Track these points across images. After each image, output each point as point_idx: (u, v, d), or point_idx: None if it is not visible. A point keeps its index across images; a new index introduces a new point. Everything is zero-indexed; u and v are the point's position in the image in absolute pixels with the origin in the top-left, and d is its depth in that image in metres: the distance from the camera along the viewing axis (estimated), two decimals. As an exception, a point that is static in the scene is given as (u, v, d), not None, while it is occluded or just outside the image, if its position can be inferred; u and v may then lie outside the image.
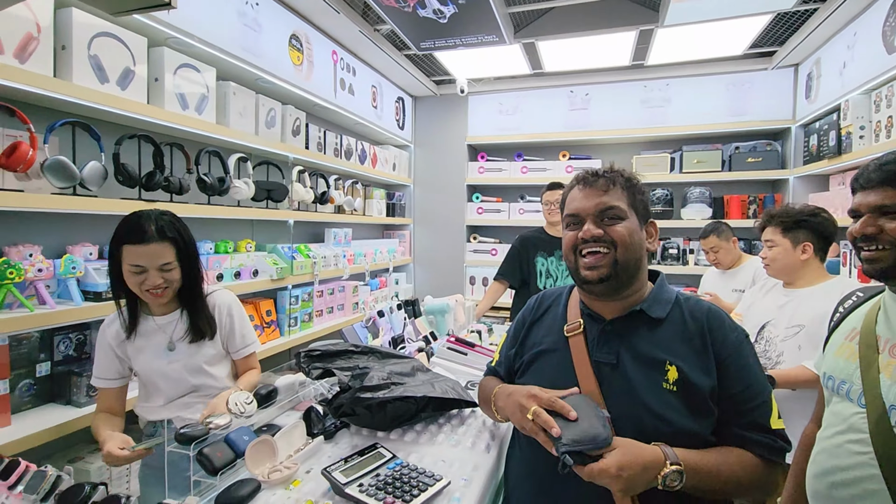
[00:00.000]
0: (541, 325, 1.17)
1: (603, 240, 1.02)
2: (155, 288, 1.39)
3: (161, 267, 1.39)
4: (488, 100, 4.43)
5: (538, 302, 1.23)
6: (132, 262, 1.36)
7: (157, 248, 1.38)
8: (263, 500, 0.94)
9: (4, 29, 1.51)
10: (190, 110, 2.17)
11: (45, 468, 0.95)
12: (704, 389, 0.94)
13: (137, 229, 1.37)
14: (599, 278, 1.01)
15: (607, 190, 1.04)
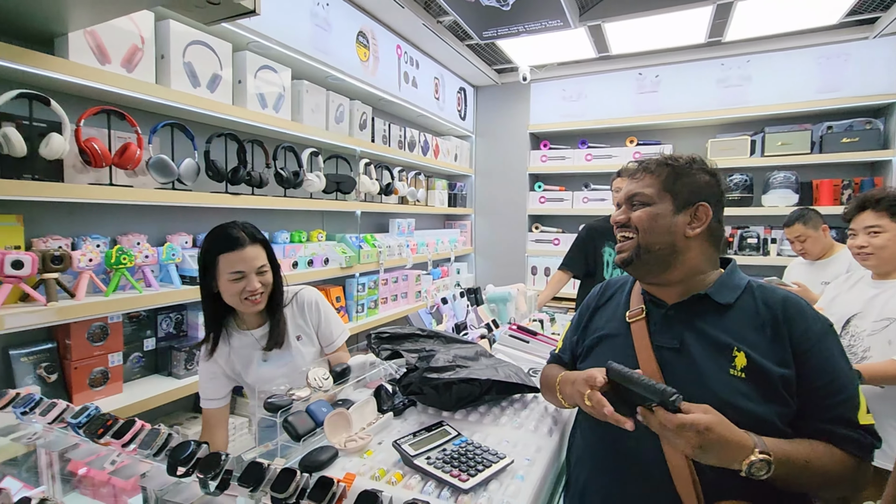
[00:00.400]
0: (604, 311, 1.18)
1: (628, 225, 1.07)
2: (254, 293, 1.43)
3: (258, 270, 1.44)
4: (551, 86, 4.34)
5: (603, 289, 1.24)
6: (232, 270, 1.41)
7: (252, 251, 1.44)
8: (341, 465, 1.02)
9: (114, 42, 1.70)
10: (268, 109, 2.33)
11: (159, 426, 1.09)
12: (776, 379, 0.90)
13: (230, 237, 1.42)
14: (623, 261, 1.08)
15: (638, 177, 1.08)
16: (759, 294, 1.01)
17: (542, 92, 4.39)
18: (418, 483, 0.95)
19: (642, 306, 1.09)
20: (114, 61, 1.71)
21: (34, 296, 1.51)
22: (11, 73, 1.50)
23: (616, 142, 4.27)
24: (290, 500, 0.86)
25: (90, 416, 1.16)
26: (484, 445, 1.07)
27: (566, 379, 1.09)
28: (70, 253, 1.60)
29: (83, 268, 1.63)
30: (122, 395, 1.80)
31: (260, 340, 1.55)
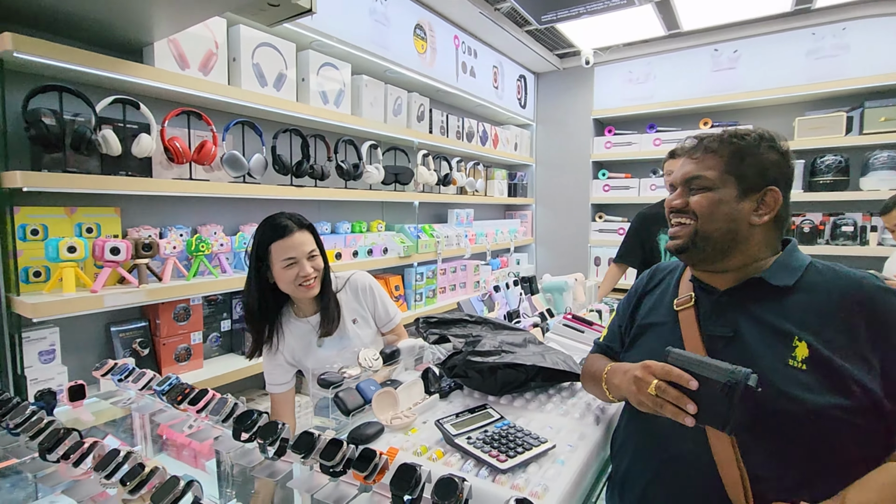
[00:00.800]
0: (651, 298, 1.13)
1: (685, 210, 0.99)
2: (307, 279, 1.49)
3: (309, 255, 1.50)
4: (616, 69, 4.16)
5: (651, 274, 1.19)
6: (284, 257, 1.46)
7: (301, 236, 1.49)
8: (386, 440, 1.07)
9: (192, 48, 1.86)
10: (329, 104, 2.44)
11: (227, 397, 1.20)
12: (844, 372, 0.82)
13: (279, 226, 1.49)
14: (677, 248, 1.00)
15: (697, 156, 0.98)
16: (828, 275, 0.92)
17: (606, 75, 4.21)
18: (458, 461, 0.98)
19: (691, 293, 1.03)
20: (192, 66, 1.88)
21: (128, 278, 1.70)
22: (107, 81, 1.69)
23: (688, 124, 4.01)
24: (337, 468, 0.91)
25: (171, 384, 1.30)
26: (526, 430, 1.07)
27: (616, 370, 1.02)
28: (158, 241, 1.78)
29: (168, 254, 1.82)
30: (202, 371, 1.99)
31: (316, 327, 1.62)
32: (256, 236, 1.53)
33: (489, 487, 0.89)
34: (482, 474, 0.93)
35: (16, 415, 1.12)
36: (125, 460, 0.93)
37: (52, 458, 1.01)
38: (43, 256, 1.56)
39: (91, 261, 1.64)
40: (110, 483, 0.91)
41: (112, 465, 0.92)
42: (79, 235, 1.67)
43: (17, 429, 1.10)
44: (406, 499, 0.83)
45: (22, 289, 1.56)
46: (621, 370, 1.00)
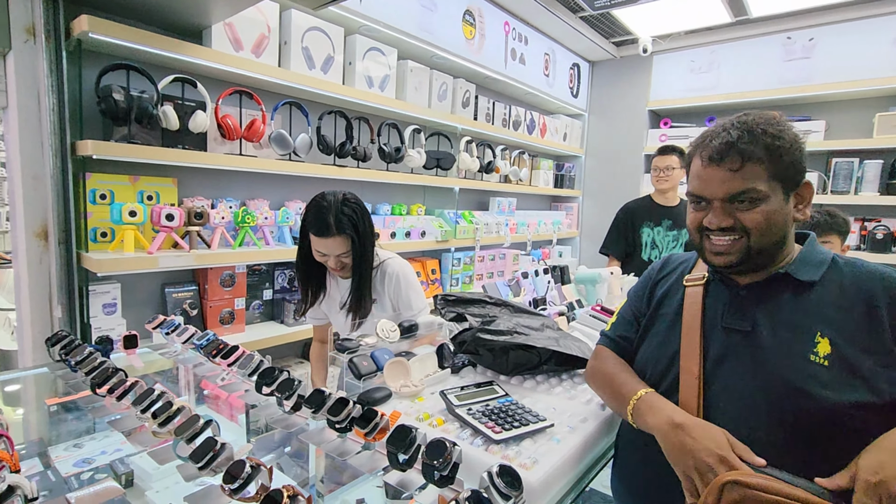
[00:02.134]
0: (663, 286, 1.09)
1: (733, 228, 0.89)
2: (333, 270, 1.62)
3: (338, 256, 1.57)
4: (676, 58, 3.96)
5: (664, 262, 1.15)
6: (316, 248, 1.58)
7: (335, 242, 1.53)
8: (392, 405, 1.13)
9: (246, 31, 1.98)
10: (374, 88, 2.51)
11: (254, 353, 1.30)
12: (866, 369, 0.78)
13: (321, 222, 1.51)
14: (727, 265, 0.92)
15: (740, 167, 0.86)
16: (849, 271, 0.87)
17: (665, 64, 4.02)
18: (456, 429, 1.01)
19: (705, 273, 0.99)
20: (245, 48, 2.00)
21: (181, 244, 1.86)
22: (169, 61, 1.84)
23: (752, 118, 3.76)
24: (342, 424, 0.98)
25: (209, 340, 1.42)
26: (528, 408, 1.09)
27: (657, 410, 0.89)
28: (208, 211, 1.93)
29: (217, 224, 1.96)
30: (243, 335, 2.14)
31: (341, 291, 1.72)
32: (305, 213, 1.59)
33: (480, 455, 0.92)
34: (476, 443, 0.96)
35: (77, 353, 1.27)
36: (158, 398, 1.04)
37: (101, 393, 1.14)
38: (108, 219, 1.73)
39: (149, 225, 1.80)
40: (144, 417, 1.02)
41: (147, 402, 1.03)
42: (140, 202, 1.84)
43: (76, 366, 1.25)
44: (401, 458, 0.88)
45: (90, 247, 1.74)
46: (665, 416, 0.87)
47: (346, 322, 1.70)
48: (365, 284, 1.64)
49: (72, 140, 1.67)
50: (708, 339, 0.94)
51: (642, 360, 1.05)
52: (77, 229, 1.70)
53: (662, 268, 1.14)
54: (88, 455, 1.34)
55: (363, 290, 1.64)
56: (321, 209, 1.53)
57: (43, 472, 1.22)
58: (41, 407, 1.50)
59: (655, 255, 2.88)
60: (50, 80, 1.62)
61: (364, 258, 1.61)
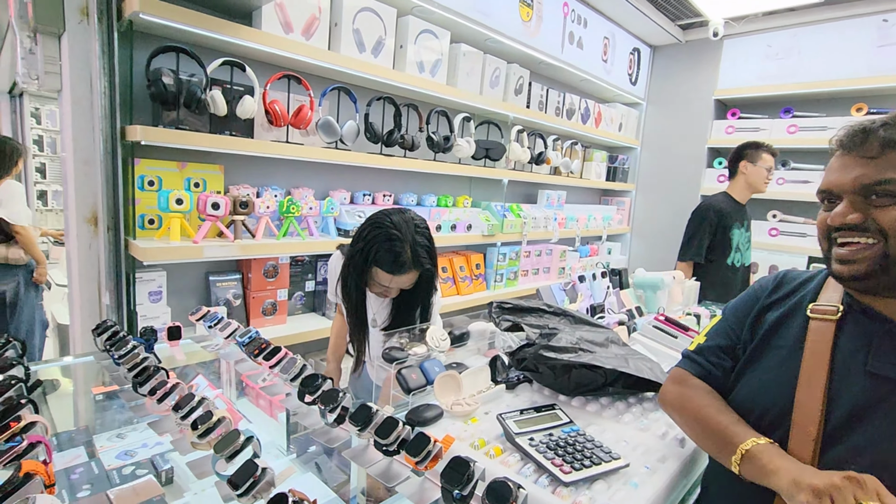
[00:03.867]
0: (775, 312, 0.90)
1: (864, 227, 0.73)
2: (383, 295, 1.47)
3: (401, 288, 1.45)
4: (751, 42, 3.62)
5: (777, 283, 0.95)
6: (380, 282, 1.39)
7: (407, 277, 1.39)
8: (443, 426, 1.03)
9: (297, 12, 1.89)
10: (425, 73, 2.39)
11: (296, 357, 1.23)
12: None
13: (396, 259, 1.34)
14: (852, 276, 0.75)
15: (878, 155, 0.72)
16: None
17: (737, 49, 3.69)
18: (517, 462, 0.90)
19: (839, 305, 0.81)
20: (296, 30, 1.91)
21: (226, 233, 1.82)
22: (218, 43, 1.78)
23: (836, 110, 3.40)
24: (391, 447, 0.88)
25: (251, 337, 1.36)
26: (597, 441, 0.96)
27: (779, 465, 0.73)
28: (254, 200, 1.88)
29: (262, 213, 1.91)
30: (285, 326, 2.10)
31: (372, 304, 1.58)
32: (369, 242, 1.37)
33: (548, 499, 0.80)
34: (541, 482, 0.84)
35: (119, 347, 1.24)
36: (198, 405, 0.98)
37: (142, 392, 1.10)
38: (156, 206, 1.71)
39: (195, 213, 1.77)
40: (184, 424, 0.97)
41: (187, 408, 0.97)
42: (187, 189, 1.81)
43: (119, 360, 1.21)
44: (455, 493, 0.78)
45: (137, 234, 1.72)
46: (792, 476, 0.70)
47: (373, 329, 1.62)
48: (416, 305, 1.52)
49: (122, 125, 1.64)
50: (839, 387, 0.76)
51: (743, 400, 0.88)
52: (125, 216, 1.68)
53: (777, 288, 0.94)
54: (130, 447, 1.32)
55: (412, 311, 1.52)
56: (394, 244, 1.33)
57: (87, 464, 1.20)
58: (88, 394, 1.49)
59: (738, 258, 2.67)
60: (102, 62, 1.58)
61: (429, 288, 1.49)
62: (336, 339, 1.84)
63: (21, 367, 1.12)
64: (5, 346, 1.21)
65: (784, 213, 3.62)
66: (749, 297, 0.98)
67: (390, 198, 2.49)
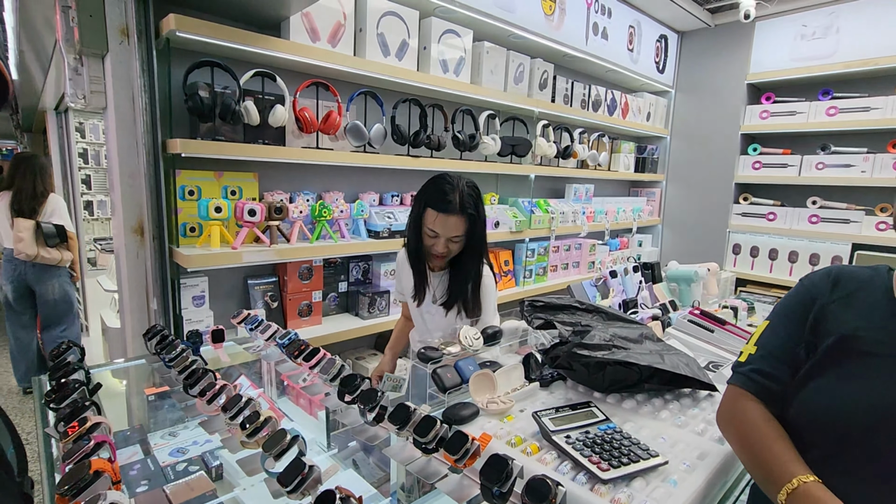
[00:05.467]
0: (847, 310, 0.84)
1: None
2: (438, 256, 1.53)
3: (451, 238, 1.49)
4: (785, 23, 3.49)
5: (835, 280, 0.89)
6: (430, 227, 1.48)
7: (455, 220, 1.46)
8: (479, 424, 1.05)
9: (322, 21, 1.94)
10: (449, 73, 2.40)
11: (335, 358, 1.27)
12: None
13: (444, 199, 1.44)
14: None
15: None
16: None
17: (770, 31, 3.56)
18: (554, 460, 0.91)
19: None
20: (322, 38, 1.96)
21: (262, 238, 1.88)
22: (249, 55, 1.83)
23: (879, 89, 3.24)
24: (429, 446, 0.91)
25: (291, 339, 1.41)
26: (634, 438, 0.96)
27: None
28: (287, 205, 1.94)
29: (295, 218, 1.97)
30: (320, 326, 2.16)
31: (431, 283, 1.64)
32: (424, 187, 1.53)
33: (586, 496, 0.81)
34: (579, 479, 0.85)
35: (169, 350, 1.31)
36: (246, 406, 1.03)
37: (192, 393, 1.16)
38: (196, 214, 1.78)
39: (233, 220, 1.84)
40: (233, 424, 1.02)
41: (235, 409, 1.02)
42: (224, 197, 1.88)
43: (170, 362, 1.28)
44: (495, 490, 0.80)
45: (180, 241, 1.80)
46: None
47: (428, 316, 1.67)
48: (468, 277, 1.58)
49: (163, 138, 1.72)
50: None
51: (817, 409, 0.82)
52: (169, 225, 1.76)
53: (837, 284, 0.88)
54: (182, 444, 1.39)
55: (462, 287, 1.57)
56: (445, 185, 1.47)
57: (143, 461, 1.28)
58: (140, 394, 1.58)
59: None
60: (142, 79, 1.66)
61: (475, 248, 1.55)
62: (398, 335, 1.93)
63: (82, 370, 1.20)
64: (67, 350, 1.29)
65: (824, 199, 3.48)
66: (802, 297, 0.91)
67: (418, 198, 2.52)
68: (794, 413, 0.85)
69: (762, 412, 0.87)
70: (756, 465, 0.83)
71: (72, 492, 0.73)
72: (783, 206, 3.61)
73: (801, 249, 3.51)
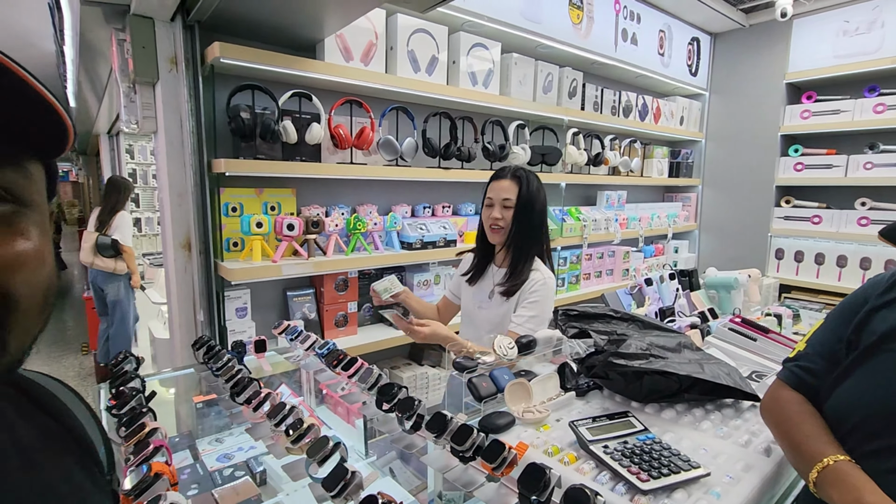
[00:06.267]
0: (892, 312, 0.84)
1: None
2: (494, 222, 1.62)
3: (503, 202, 1.60)
4: (824, 19, 3.37)
5: (891, 282, 0.88)
6: (488, 195, 1.65)
7: (506, 183, 1.62)
8: (516, 433, 1.05)
9: (355, 40, 2.01)
10: (478, 85, 2.44)
11: (373, 367, 1.30)
12: None
13: (500, 170, 1.66)
14: None
15: None
16: None
17: (809, 28, 3.44)
18: (592, 470, 0.91)
19: None
20: (355, 57, 2.03)
21: (300, 252, 1.95)
22: (287, 77, 1.92)
23: (931, 84, 3.08)
24: (467, 454, 0.92)
25: (329, 349, 1.46)
26: (674, 448, 0.95)
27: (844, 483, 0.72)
28: (324, 219, 2.00)
29: (331, 231, 2.03)
30: (356, 336, 2.21)
31: (494, 276, 1.70)
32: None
33: (625, 506, 0.81)
34: (618, 490, 0.85)
35: (216, 360, 1.37)
36: (289, 413, 1.07)
37: (239, 401, 1.21)
38: (239, 230, 1.87)
39: (273, 235, 1.92)
40: (278, 431, 1.06)
41: (280, 416, 1.06)
42: (265, 212, 1.96)
43: (217, 372, 1.34)
44: (533, 499, 0.80)
45: (224, 256, 1.89)
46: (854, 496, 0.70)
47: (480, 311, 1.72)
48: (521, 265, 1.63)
49: (208, 158, 1.81)
50: None
51: (843, 404, 0.84)
52: (214, 240, 1.85)
53: (892, 287, 0.87)
54: (228, 450, 1.45)
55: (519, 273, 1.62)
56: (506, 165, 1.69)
57: (193, 465, 1.34)
58: (189, 402, 1.65)
59: None
60: (189, 104, 1.77)
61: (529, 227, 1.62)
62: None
63: (138, 378, 1.27)
64: (125, 359, 1.37)
65: (874, 200, 3.31)
66: (857, 297, 0.92)
67: (449, 209, 2.55)
68: (830, 408, 0.87)
69: (797, 398, 0.91)
70: (790, 447, 0.87)
71: (134, 492, 0.79)
72: (829, 208, 3.46)
73: (849, 253, 3.34)
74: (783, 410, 0.91)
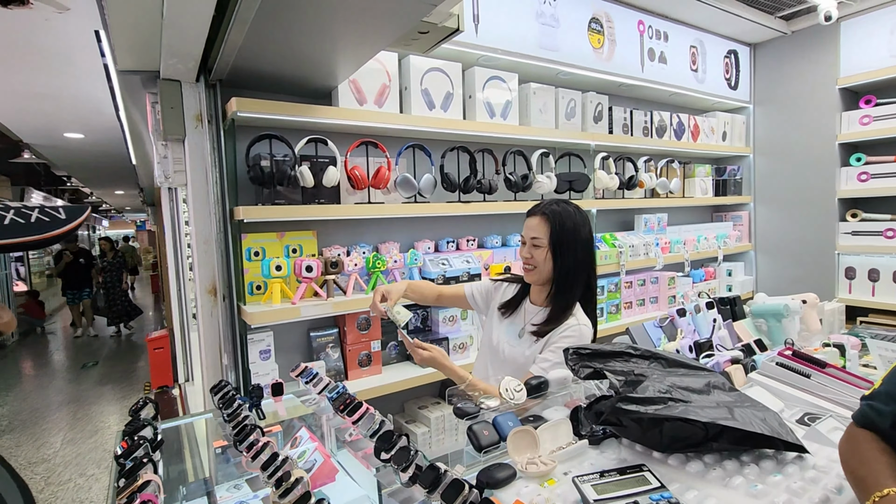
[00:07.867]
0: None
1: None
2: (526, 262, 1.57)
3: (532, 240, 1.54)
4: (875, 18, 3.13)
5: None
6: (522, 232, 1.61)
7: (534, 221, 1.56)
8: (516, 488, 0.96)
9: (368, 84, 2.06)
10: (496, 117, 2.42)
11: (374, 413, 1.26)
12: None
13: (534, 206, 1.59)
14: None
15: None
16: None
17: (859, 29, 3.20)
18: (595, 535, 0.81)
19: None
20: (369, 100, 2.08)
21: (319, 292, 1.97)
22: (302, 124, 1.99)
23: None
24: (456, 513, 0.85)
25: (339, 392, 1.43)
26: (694, 510, 0.83)
27: None
28: (343, 259, 2.02)
29: (351, 271, 2.04)
30: (380, 376, 2.17)
31: (527, 314, 1.62)
32: None
33: (627, 584, 0.70)
34: (622, 562, 0.74)
35: (228, 405, 1.38)
36: (282, 465, 1.04)
37: (240, 449, 1.20)
38: (260, 273, 1.91)
39: (293, 276, 1.95)
40: (269, 483, 1.03)
41: (272, 468, 1.04)
42: (286, 256, 2.01)
43: (228, 418, 1.35)
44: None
45: (247, 300, 1.94)
46: None
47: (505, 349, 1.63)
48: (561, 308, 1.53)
49: (230, 206, 1.89)
50: None
51: None
52: (237, 284, 1.91)
53: None
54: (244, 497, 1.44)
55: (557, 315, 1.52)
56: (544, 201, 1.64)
57: (209, 513, 1.33)
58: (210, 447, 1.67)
59: None
60: (213, 156, 1.87)
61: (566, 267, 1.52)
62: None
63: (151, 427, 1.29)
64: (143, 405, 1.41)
65: (959, 208, 2.94)
66: None
67: (474, 242, 2.51)
68: None
69: (869, 436, 0.83)
70: (854, 483, 0.80)
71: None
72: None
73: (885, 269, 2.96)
74: (853, 450, 0.83)
